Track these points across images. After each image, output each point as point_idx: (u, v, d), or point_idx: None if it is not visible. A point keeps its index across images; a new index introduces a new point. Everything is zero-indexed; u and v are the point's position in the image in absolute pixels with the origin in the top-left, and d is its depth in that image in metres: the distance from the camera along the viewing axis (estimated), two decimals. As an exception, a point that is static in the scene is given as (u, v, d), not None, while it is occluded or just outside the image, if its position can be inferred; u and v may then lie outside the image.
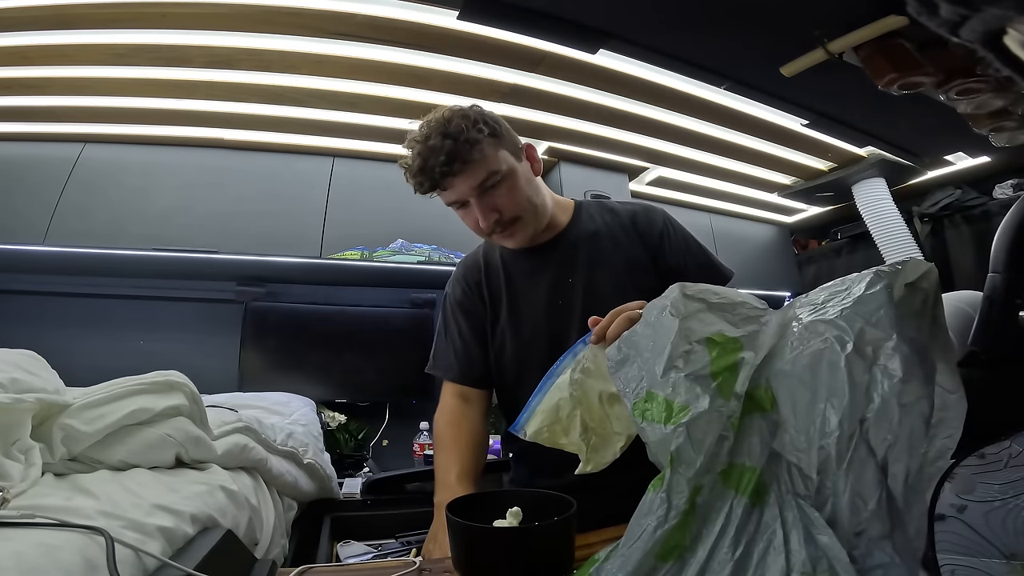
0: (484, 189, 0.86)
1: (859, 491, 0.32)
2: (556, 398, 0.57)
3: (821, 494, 0.33)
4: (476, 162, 0.84)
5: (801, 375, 0.36)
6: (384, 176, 2.17)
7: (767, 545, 0.33)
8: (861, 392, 0.33)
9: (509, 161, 0.88)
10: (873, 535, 0.31)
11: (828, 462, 0.33)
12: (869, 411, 0.32)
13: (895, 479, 0.31)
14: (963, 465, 0.46)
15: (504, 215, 0.88)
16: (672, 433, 0.37)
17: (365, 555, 1.34)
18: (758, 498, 0.35)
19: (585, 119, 1.98)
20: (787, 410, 0.36)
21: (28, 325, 1.93)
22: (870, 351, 0.34)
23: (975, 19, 0.28)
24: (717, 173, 2.45)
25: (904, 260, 0.37)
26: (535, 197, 0.92)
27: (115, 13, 1.38)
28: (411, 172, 0.86)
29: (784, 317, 0.39)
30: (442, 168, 0.82)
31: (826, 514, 0.33)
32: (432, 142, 0.83)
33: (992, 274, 0.82)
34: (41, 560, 0.48)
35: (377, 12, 1.39)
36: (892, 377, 0.32)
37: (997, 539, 0.42)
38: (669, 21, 1.40)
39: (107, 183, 1.92)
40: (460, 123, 0.84)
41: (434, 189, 0.86)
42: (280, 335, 2.08)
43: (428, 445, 2.03)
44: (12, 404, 0.65)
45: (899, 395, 0.32)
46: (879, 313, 0.34)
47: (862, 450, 0.32)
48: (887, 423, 0.32)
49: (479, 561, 0.50)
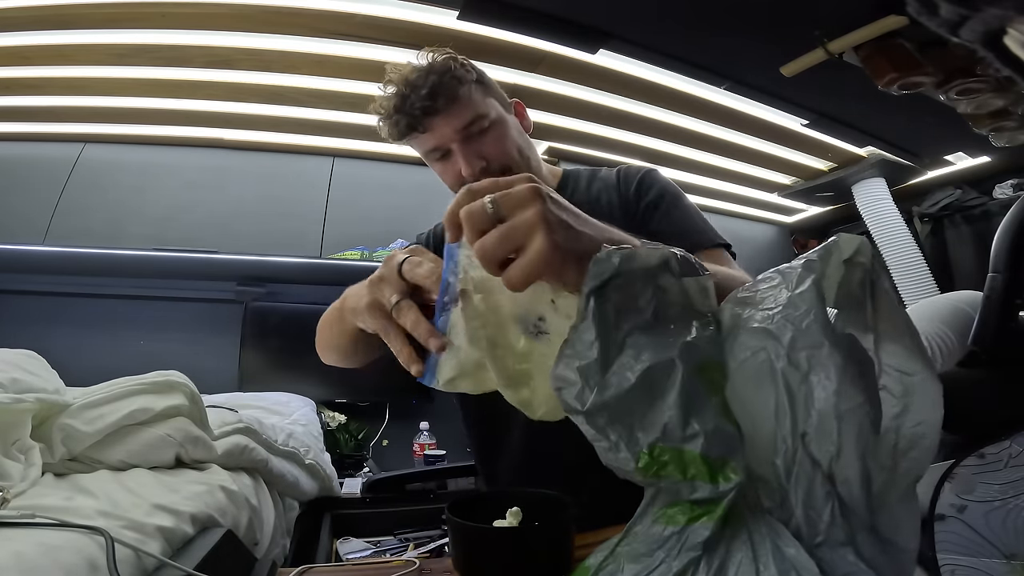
0: (469, 134, 0.75)
1: (810, 504, 0.31)
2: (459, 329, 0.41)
3: (785, 508, 0.33)
4: (462, 101, 0.74)
5: (746, 388, 0.34)
6: (384, 176, 2.17)
7: (738, 566, 0.32)
8: (800, 405, 0.32)
9: (498, 109, 0.79)
10: (834, 544, 0.30)
11: (779, 478, 0.32)
12: (808, 425, 0.31)
13: (848, 486, 0.30)
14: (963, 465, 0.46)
15: (491, 164, 0.76)
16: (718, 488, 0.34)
17: (364, 552, 1.35)
18: (728, 517, 0.34)
19: (585, 119, 1.98)
20: (747, 425, 0.35)
21: (28, 325, 1.93)
22: (804, 361, 0.32)
23: (975, 19, 0.28)
24: (717, 173, 2.45)
25: (834, 238, 0.35)
26: (527, 150, 0.82)
27: (115, 13, 1.38)
28: (386, 113, 0.76)
29: (729, 316, 0.37)
30: (423, 104, 0.72)
31: (792, 527, 0.32)
32: (414, 78, 0.73)
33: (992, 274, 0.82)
34: (41, 560, 0.48)
35: (377, 12, 1.40)
36: (827, 388, 0.31)
37: (997, 539, 0.42)
38: (669, 21, 1.40)
39: (107, 183, 1.92)
40: (446, 61, 0.75)
41: (411, 131, 0.75)
42: (280, 335, 2.07)
43: (428, 445, 2.03)
44: (12, 404, 0.65)
45: (835, 405, 0.30)
46: (808, 317, 0.32)
47: (806, 464, 0.31)
48: (827, 435, 0.31)
49: (479, 561, 0.50)
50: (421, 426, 2.09)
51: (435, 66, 0.74)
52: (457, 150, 0.75)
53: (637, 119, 1.97)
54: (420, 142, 0.78)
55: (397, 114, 0.74)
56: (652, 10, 1.35)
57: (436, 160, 0.79)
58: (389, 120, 0.76)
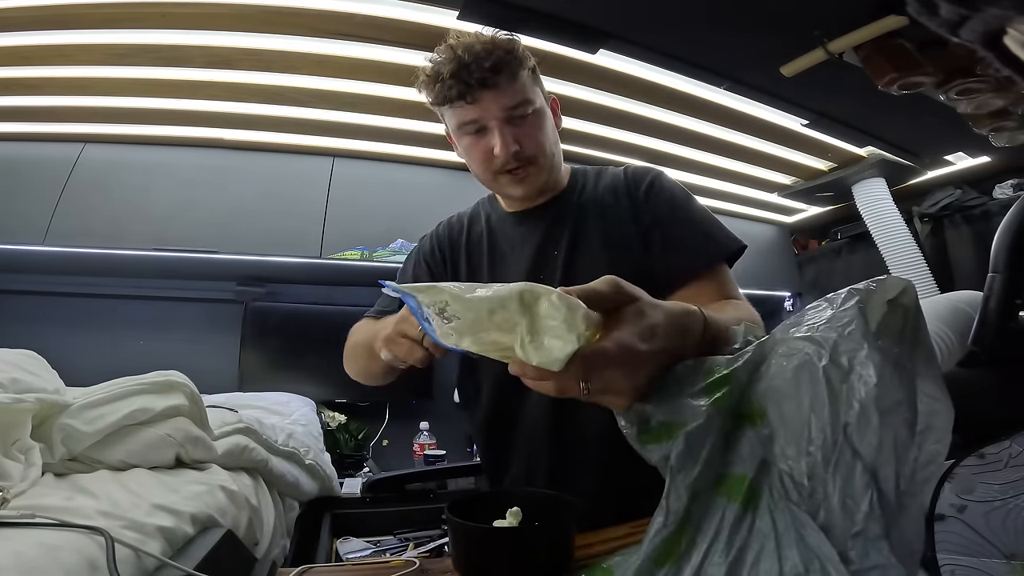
0: (512, 117, 0.76)
1: (849, 493, 0.32)
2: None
3: (813, 500, 0.34)
4: (518, 83, 0.75)
5: (785, 388, 0.37)
6: (384, 176, 2.17)
7: (760, 549, 0.34)
8: (842, 399, 0.34)
9: (542, 100, 0.81)
10: (871, 536, 0.31)
11: (816, 468, 0.34)
12: (850, 416, 0.33)
13: (887, 482, 0.32)
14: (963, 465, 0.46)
15: (524, 151, 0.78)
16: (672, 444, 0.38)
17: (364, 552, 1.35)
18: (749, 505, 0.36)
19: (585, 119, 1.98)
20: (776, 421, 0.37)
21: (28, 325, 1.93)
22: (845, 361, 0.35)
23: (975, 19, 0.28)
24: (717, 173, 2.44)
25: (882, 279, 0.38)
26: (555, 147, 0.84)
27: (115, 13, 1.38)
28: (437, 75, 0.74)
29: (767, 341, 0.41)
30: (483, 75, 0.72)
31: (820, 520, 0.34)
32: (479, 48, 0.73)
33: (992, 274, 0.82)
34: (41, 560, 0.48)
35: (377, 12, 1.40)
36: (867, 383, 0.33)
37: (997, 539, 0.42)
38: (669, 21, 1.40)
39: (107, 183, 1.92)
40: (512, 41, 0.76)
41: (460, 99, 0.74)
42: (280, 335, 2.08)
43: (428, 445, 2.03)
44: (12, 404, 0.65)
45: (876, 400, 0.33)
46: (851, 327, 0.35)
47: (847, 454, 0.33)
48: (869, 427, 0.33)
49: (479, 561, 0.50)
50: (421, 426, 2.09)
51: (501, 43, 0.74)
52: (497, 128, 0.76)
53: (637, 119, 1.97)
54: (460, 112, 0.77)
55: (452, 79, 0.73)
56: (652, 10, 1.35)
57: (469, 134, 0.79)
58: (440, 82, 0.74)
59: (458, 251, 0.92)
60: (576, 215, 0.85)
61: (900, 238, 2.36)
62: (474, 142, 0.79)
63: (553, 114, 0.86)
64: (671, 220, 0.82)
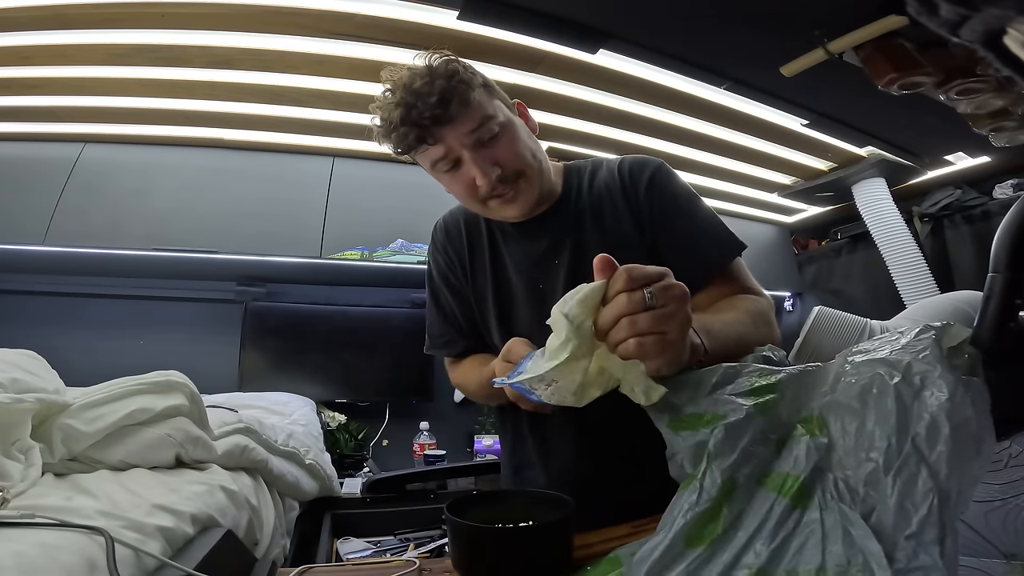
0: (480, 141, 0.72)
1: (908, 497, 0.33)
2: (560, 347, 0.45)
3: (867, 503, 0.35)
4: (472, 105, 0.71)
5: (851, 404, 0.39)
6: (384, 176, 2.17)
7: (804, 541, 0.35)
8: (912, 412, 0.35)
9: (504, 112, 0.76)
10: (925, 540, 0.32)
11: (876, 472, 0.35)
12: (920, 427, 0.35)
13: (948, 491, 0.33)
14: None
15: (506, 169, 0.73)
16: (710, 433, 0.40)
17: (364, 552, 1.35)
18: (800, 501, 0.37)
19: (585, 119, 1.98)
20: (837, 433, 0.39)
21: (28, 325, 1.93)
22: (918, 380, 0.36)
23: (975, 19, 0.28)
24: (717, 173, 2.44)
25: (943, 324, 0.41)
26: (537, 152, 0.79)
27: (115, 13, 1.38)
28: (390, 127, 0.71)
29: (836, 362, 0.44)
30: (433, 112, 0.68)
31: (871, 522, 0.34)
32: (418, 85, 0.69)
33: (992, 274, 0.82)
34: (41, 560, 0.48)
35: (377, 12, 1.39)
36: (939, 399, 0.35)
37: (997, 539, 0.42)
38: (669, 21, 1.40)
39: (107, 183, 1.92)
40: (450, 64, 0.71)
41: (420, 143, 0.71)
42: (280, 335, 2.08)
43: (428, 445, 2.03)
44: (12, 404, 0.65)
45: (948, 413, 0.34)
46: (926, 352, 0.38)
47: (912, 460, 0.34)
48: (940, 437, 0.34)
49: (479, 561, 0.50)
50: (421, 426, 2.09)
51: (438, 71, 0.70)
52: (469, 159, 0.72)
53: (637, 119, 1.97)
54: (427, 154, 0.74)
55: (404, 126, 0.70)
56: (652, 10, 1.35)
57: (445, 171, 0.75)
58: (396, 133, 0.71)
59: (464, 263, 0.89)
60: (575, 222, 0.83)
61: (900, 238, 2.35)
62: (452, 178, 0.76)
63: (523, 118, 0.82)
64: (676, 219, 0.79)
